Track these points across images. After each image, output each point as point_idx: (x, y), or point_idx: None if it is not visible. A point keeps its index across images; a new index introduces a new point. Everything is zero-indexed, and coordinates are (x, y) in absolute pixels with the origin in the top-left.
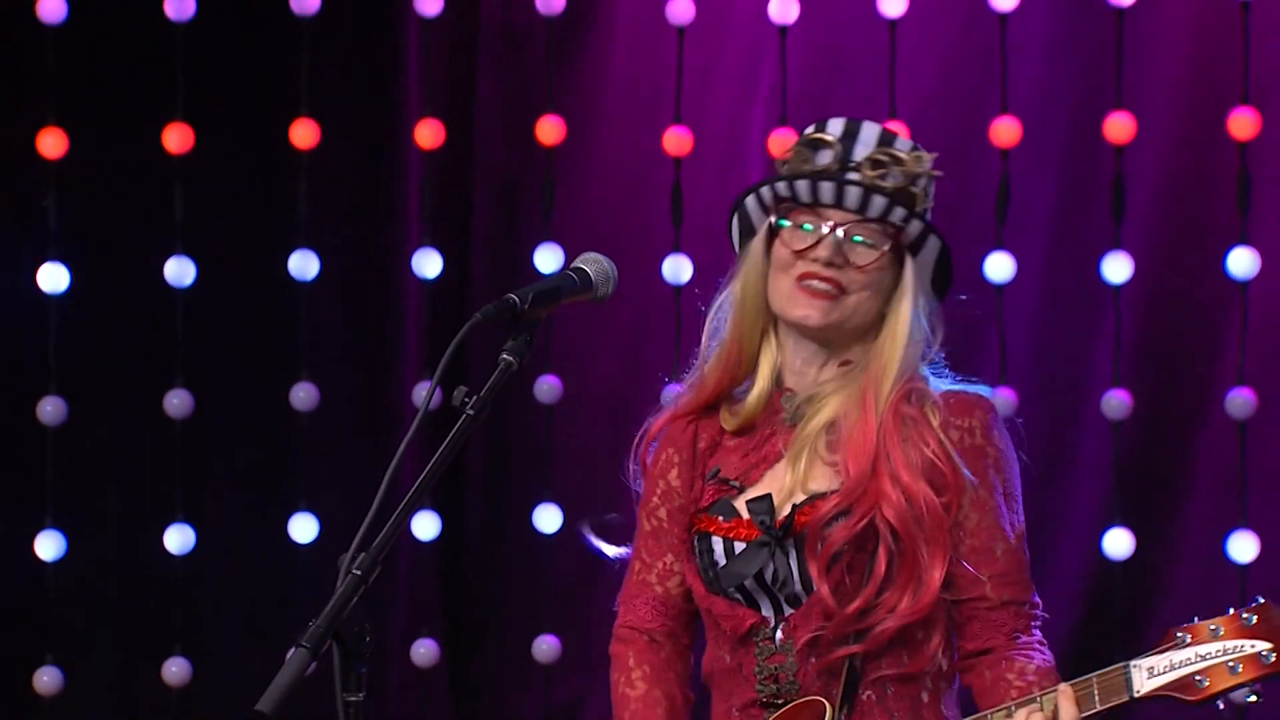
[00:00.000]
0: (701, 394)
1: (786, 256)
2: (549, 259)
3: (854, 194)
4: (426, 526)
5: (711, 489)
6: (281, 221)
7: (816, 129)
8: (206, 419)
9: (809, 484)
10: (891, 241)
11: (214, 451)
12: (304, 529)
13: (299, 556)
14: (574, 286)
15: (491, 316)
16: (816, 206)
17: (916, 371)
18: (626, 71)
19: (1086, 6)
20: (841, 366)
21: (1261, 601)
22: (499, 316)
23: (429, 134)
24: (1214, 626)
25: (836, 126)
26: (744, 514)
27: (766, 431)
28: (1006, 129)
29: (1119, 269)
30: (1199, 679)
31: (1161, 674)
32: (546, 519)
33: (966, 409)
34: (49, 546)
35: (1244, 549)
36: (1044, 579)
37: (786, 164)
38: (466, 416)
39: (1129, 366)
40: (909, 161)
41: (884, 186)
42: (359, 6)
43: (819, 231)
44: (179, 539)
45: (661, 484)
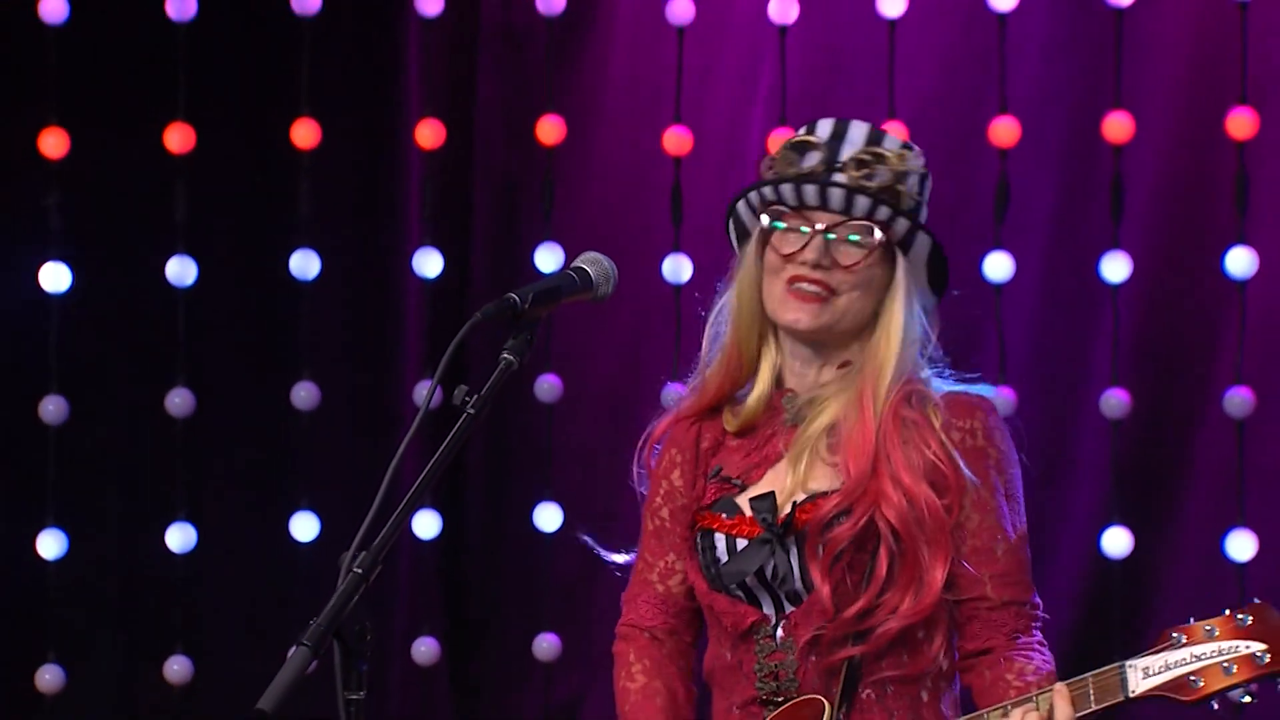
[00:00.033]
0: (703, 398)
1: (776, 260)
2: (549, 258)
3: (837, 195)
4: (427, 525)
5: (714, 487)
6: (282, 221)
7: (807, 130)
8: (207, 418)
9: (809, 484)
10: (879, 240)
11: (215, 451)
12: (305, 528)
13: (300, 555)
14: (574, 286)
15: (492, 316)
16: (803, 209)
17: (916, 372)
18: (626, 71)
19: (1085, 7)
20: (841, 368)
21: (1257, 602)
22: (499, 316)
23: (429, 134)
24: (1209, 627)
25: (825, 128)
26: (747, 511)
27: (768, 432)
28: (1005, 129)
29: (1118, 268)
30: (1194, 679)
31: (1157, 674)
32: (547, 518)
33: (968, 410)
34: (50, 545)
35: (1242, 548)
36: (1043, 578)
37: (773, 167)
38: (467, 415)
39: (1128, 366)
40: (893, 159)
41: (868, 186)
42: (360, 6)
43: (805, 234)
44: (180, 538)
45: (665, 484)
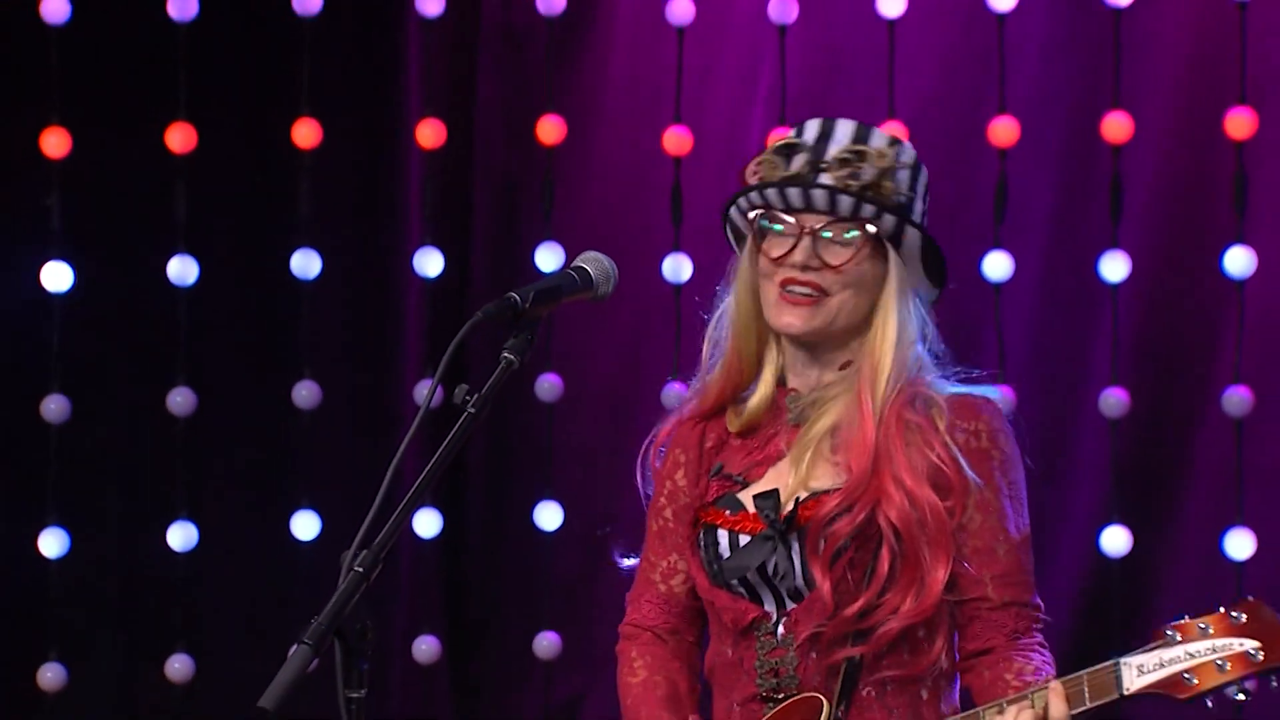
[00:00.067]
0: (705, 402)
1: (768, 265)
2: (549, 258)
3: (820, 196)
4: (428, 524)
5: (716, 484)
6: (283, 221)
7: (796, 133)
8: (208, 417)
9: (812, 481)
10: (866, 238)
11: (216, 450)
12: (306, 526)
13: (300, 554)
14: (574, 285)
15: (493, 315)
16: (790, 212)
17: (921, 372)
18: (626, 71)
19: (1084, 7)
20: (843, 369)
21: (1251, 600)
22: (500, 315)
23: (430, 134)
24: (1204, 624)
25: (812, 128)
26: (750, 508)
27: (770, 431)
28: (1005, 129)
29: (1117, 268)
30: (1188, 676)
31: (1151, 672)
32: (547, 516)
33: (973, 412)
34: (52, 544)
35: (1241, 546)
36: (1042, 577)
37: (758, 172)
38: (468, 414)
39: (1127, 365)
40: (876, 156)
41: (851, 185)
42: (360, 7)
43: (792, 237)
44: (181, 536)
45: (669, 484)
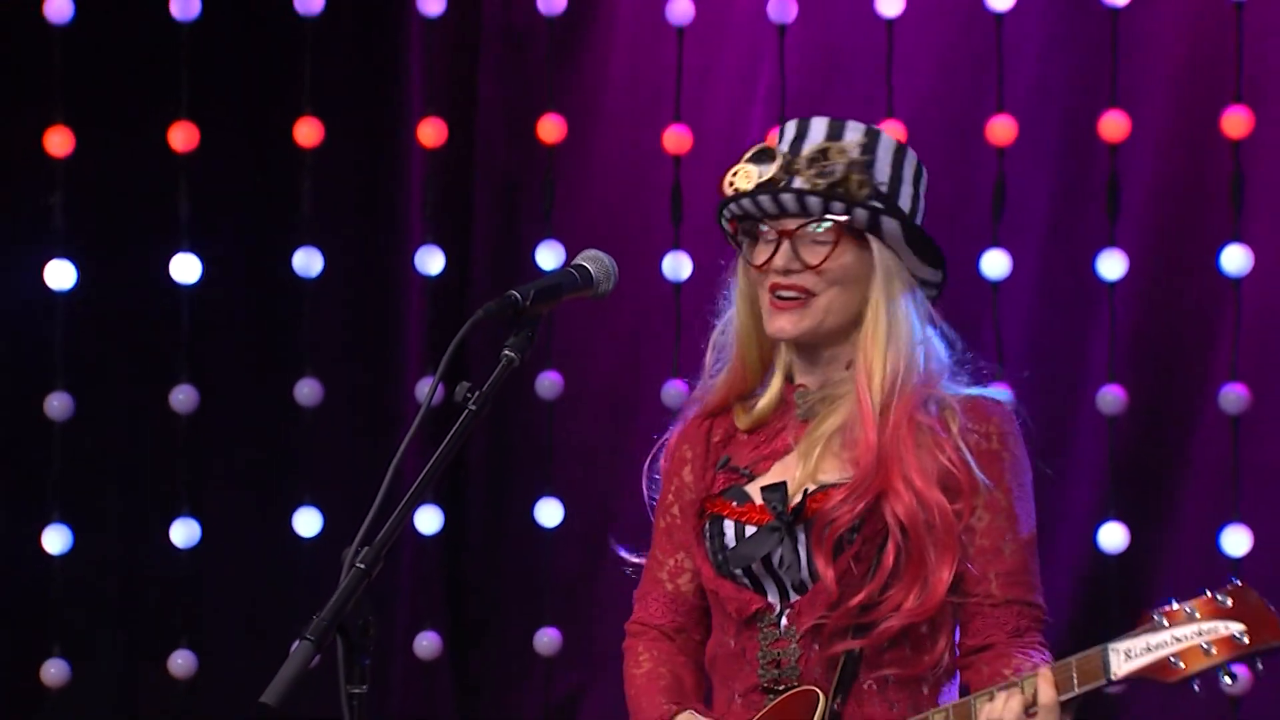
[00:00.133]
0: (709, 406)
1: (755, 273)
2: (550, 256)
3: (789, 199)
4: (429, 521)
5: (723, 477)
6: (285, 219)
7: (779, 135)
8: (210, 415)
9: (820, 475)
10: (841, 233)
11: (218, 447)
12: (307, 524)
13: (302, 552)
14: (575, 283)
15: (493, 313)
16: (765, 219)
17: (932, 371)
18: (626, 71)
19: (1082, 6)
20: (849, 367)
21: (1237, 584)
22: (501, 313)
23: (431, 133)
24: (1190, 609)
25: (790, 129)
26: (757, 500)
27: (778, 425)
28: (1002, 128)
29: (1114, 266)
30: (1174, 660)
31: (1138, 656)
32: (548, 513)
33: (985, 414)
34: (55, 541)
35: (1237, 543)
36: (1040, 573)
37: (733, 183)
38: (469, 412)
39: (1124, 363)
40: (838, 151)
41: (818, 184)
42: (362, 6)
43: (771, 242)
44: (183, 533)
45: (676, 481)
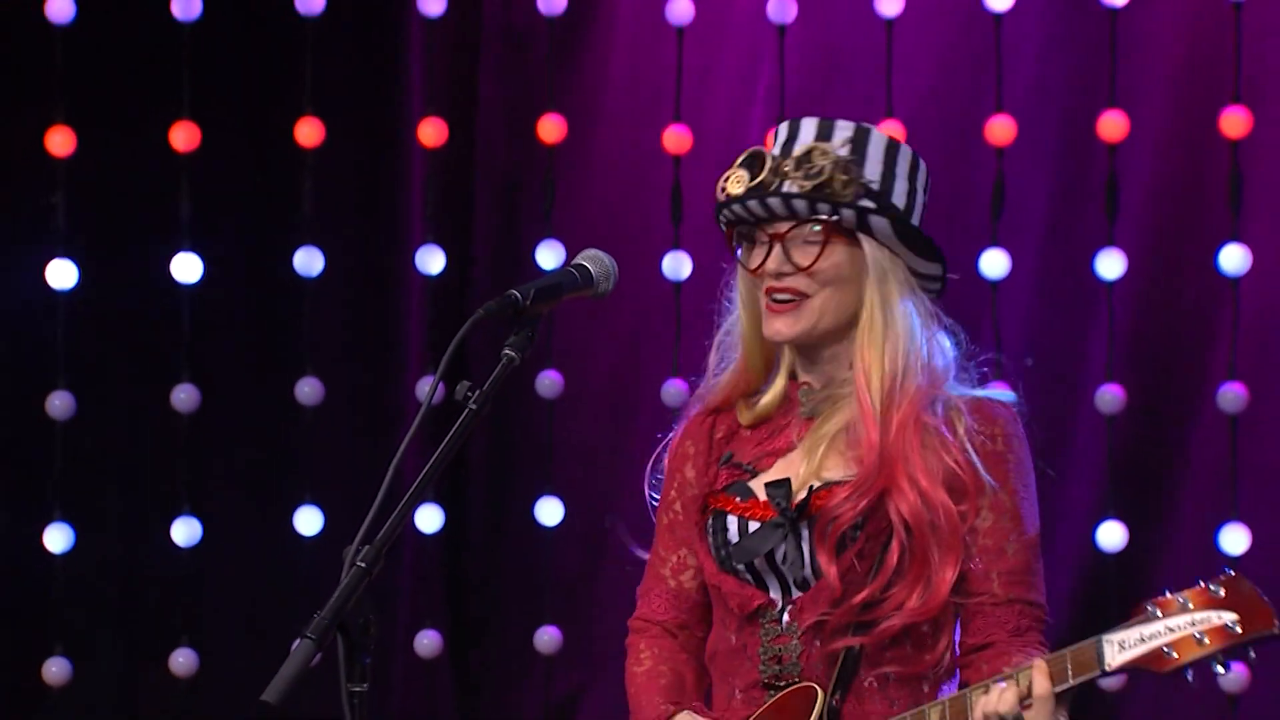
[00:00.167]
0: (711, 403)
1: (752, 277)
2: (550, 256)
3: (776, 203)
4: (430, 519)
5: (726, 472)
6: (286, 219)
7: (774, 138)
8: (211, 414)
9: (824, 472)
10: (830, 233)
11: (219, 447)
12: (308, 523)
13: (303, 550)
14: (575, 283)
15: (494, 313)
16: (757, 224)
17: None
18: (626, 71)
19: (1081, 6)
20: (851, 368)
21: (1230, 574)
22: (501, 312)
23: (432, 132)
24: (1183, 599)
25: (783, 131)
26: (760, 496)
27: (782, 423)
28: (1001, 128)
29: (1112, 266)
30: (1168, 650)
31: (1132, 647)
32: (548, 512)
33: (990, 417)
34: (57, 540)
35: (1235, 542)
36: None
37: (724, 189)
38: (469, 411)
39: (1122, 362)
40: (821, 152)
41: (805, 186)
42: (363, 6)
43: (763, 246)
44: (184, 532)
45: (678, 477)
